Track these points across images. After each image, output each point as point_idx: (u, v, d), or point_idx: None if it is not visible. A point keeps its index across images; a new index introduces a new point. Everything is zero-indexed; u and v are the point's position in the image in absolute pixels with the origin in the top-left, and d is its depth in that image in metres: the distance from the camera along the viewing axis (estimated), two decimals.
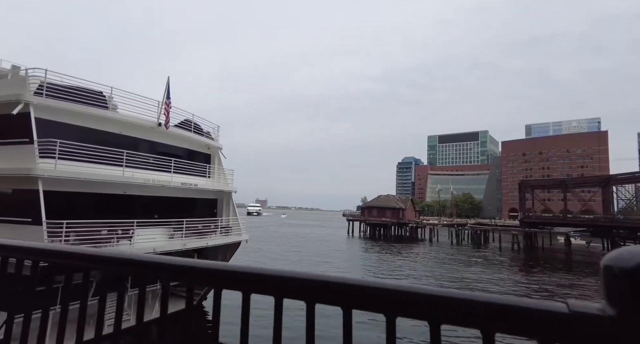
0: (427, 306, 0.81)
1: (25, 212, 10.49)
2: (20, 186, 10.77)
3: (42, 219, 10.16)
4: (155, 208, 15.01)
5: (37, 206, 10.27)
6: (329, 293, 0.89)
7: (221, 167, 18.50)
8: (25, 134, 10.90)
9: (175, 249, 13.43)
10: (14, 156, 10.98)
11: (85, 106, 12.43)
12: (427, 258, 39.15)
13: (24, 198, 10.73)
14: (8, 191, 11.12)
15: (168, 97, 14.69)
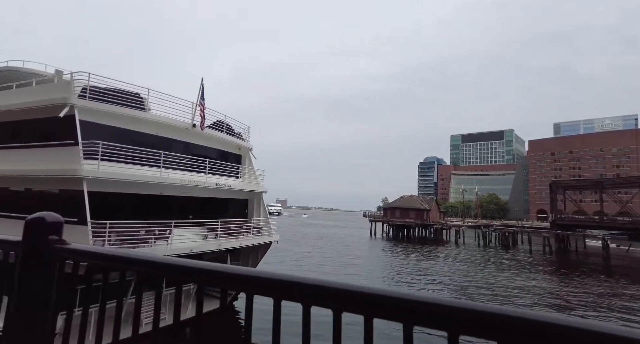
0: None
1: (70, 212, 10.73)
2: (66, 186, 11.04)
3: (87, 219, 10.36)
4: (189, 208, 15.15)
5: (82, 206, 10.48)
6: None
7: (252, 168, 18.52)
8: (70, 136, 11.18)
9: (211, 249, 13.48)
10: (60, 158, 11.28)
11: (124, 108, 12.65)
12: (456, 261, 38.09)
13: (69, 198, 10.99)
14: (55, 191, 11.45)
15: (202, 98, 14.78)
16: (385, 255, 41.43)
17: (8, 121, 12.74)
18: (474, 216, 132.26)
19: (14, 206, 12.11)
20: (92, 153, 11.31)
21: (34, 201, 11.88)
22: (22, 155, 12.21)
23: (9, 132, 12.84)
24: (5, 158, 12.52)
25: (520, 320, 0.71)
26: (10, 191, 12.49)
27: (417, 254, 42.20)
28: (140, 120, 13.34)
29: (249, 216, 18.28)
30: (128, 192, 12.76)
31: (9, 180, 12.30)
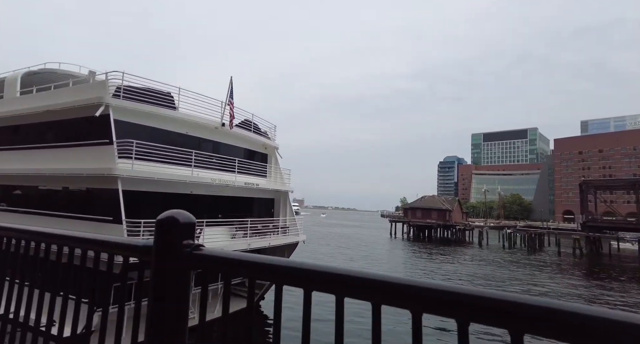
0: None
1: (106, 210, 10.81)
2: (101, 185, 11.14)
3: (122, 218, 10.39)
4: (218, 208, 15.12)
5: (117, 205, 10.53)
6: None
7: (278, 167, 18.37)
8: (105, 135, 11.27)
9: (240, 248, 13.37)
10: (95, 156, 11.39)
11: (156, 107, 12.69)
12: (482, 263, 36.96)
13: (104, 197, 11.08)
14: (90, 190, 11.57)
15: (231, 96, 14.70)
16: (408, 256, 40.67)
17: (46, 121, 13.00)
18: (497, 216, 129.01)
19: (52, 204, 12.33)
20: (126, 152, 11.36)
21: (71, 200, 12.06)
22: (59, 154, 12.43)
23: (47, 132, 13.11)
24: (43, 157, 12.79)
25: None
26: (48, 190, 12.74)
27: (441, 256, 41.26)
28: (171, 119, 13.37)
29: (275, 215, 18.15)
30: (159, 191, 12.78)
31: (47, 179, 12.55)
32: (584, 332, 0.64)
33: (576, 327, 0.65)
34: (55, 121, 12.76)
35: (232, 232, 14.78)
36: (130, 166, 11.10)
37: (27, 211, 12.71)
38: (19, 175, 13.22)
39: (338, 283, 0.93)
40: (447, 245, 57.52)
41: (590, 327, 0.63)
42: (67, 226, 11.41)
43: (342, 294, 0.92)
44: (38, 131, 13.33)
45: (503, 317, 0.73)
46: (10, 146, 14.05)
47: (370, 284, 0.88)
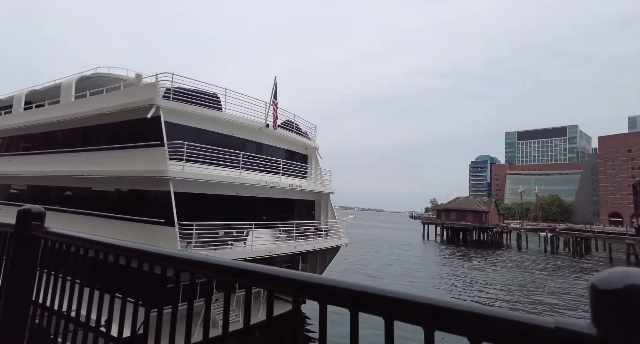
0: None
1: (157, 213, 10.79)
2: (152, 186, 11.15)
3: (175, 220, 10.31)
4: (262, 209, 14.93)
5: (169, 207, 10.48)
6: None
7: (319, 168, 17.98)
8: (156, 137, 11.28)
9: (287, 252, 13.07)
10: (147, 158, 11.43)
11: (204, 108, 12.62)
12: (527, 269, 34.88)
13: (155, 199, 11.08)
14: (142, 192, 11.63)
15: (275, 97, 14.45)
16: (446, 261, 39.19)
17: (99, 124, 13.29)
18: (534, 218, 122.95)
19: (104, 205, 12.55)
20: (176, 153, 11.33)
21: (123, 202, 12.20)
22: (111, 156, 12.64)
23: (100, 134, 13.41)
24: (96, 159, 13.07)
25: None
26: (100, 191, 13.00)
27: (480, 261, 39.48)
28: (217, 120, 13.29)
29: (315, 217, 17.78)
30: (206, 192, 12.71)
31: (99, 180, 12.79)
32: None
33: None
34: (107, 124, 13.01)
35: (277, 235, 14.53)
36: (181, 168, 11.04)
37: (80, 212, 13.01)
38: (72, 176, 13.60)
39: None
40: (483, 248, 55.17)
41: None
42: (119, 228, 11.53)
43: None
44: (92, 134, 13.67)
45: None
46: (66, 149, 14.52)
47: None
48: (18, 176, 16.23)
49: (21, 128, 16.74)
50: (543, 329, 0.68)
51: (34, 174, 15.24)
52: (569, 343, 0.64)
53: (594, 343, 0.63)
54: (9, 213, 15.90)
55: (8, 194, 17.08)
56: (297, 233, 14.81)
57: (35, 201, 15.23)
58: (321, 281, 0.99)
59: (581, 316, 18.24)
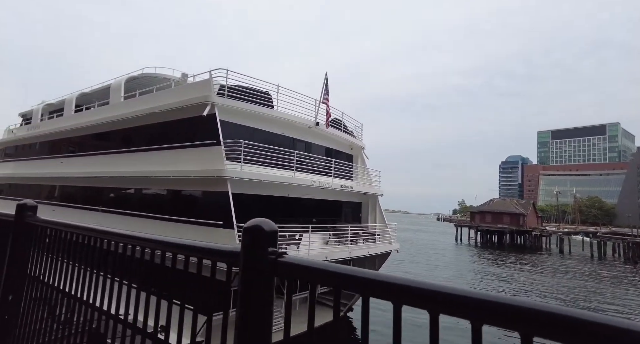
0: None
1: (214, 214, 10.33)
2: (209, 187, 10.72)
3: (234, 222, 9.80)
4: (312, 211, 14.29)
5: (227, 208, 9.98)
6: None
7: (366, 168, 17.14)
8: (212, 136, 10.85)
9: (342, 257, 12.32)
10: (202, 158, 11.03)
11: (258, 106, 12.12)
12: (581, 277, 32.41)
13: (213, 200, 10.64)
14: (198, 193, 11.23)
15: (327, 93, 13.77)
16: (488, 266, 37.27)
17: (151, 124, 13.07)
18: (571, 221, 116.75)
19: (157, 207, 12.26)
20: (233, 153, 10.86)
21: (177, 203, 11.86)
22: (164, 156, 12.35)
23: (152, 134, 13.18)
24: (149, 160, 12.84)
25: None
26: (153, 193, 12.75)
27: (525, 266, 37.33)
28: (269, 119, 12.76)
29: (362, 220, 16.97)
30: (258, 193, 12.18)
31: (152, 181, 12.53)
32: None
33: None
34: (158, 123, 12.75)
35: (326, 238, 13.83)
36: (239, 168, 10.54)
37: (133, 213, 12.81)
38: (124, 177, 13.45)
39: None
40: (522, 253, 52.48)
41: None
42: (174, 229, 11.17)
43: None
44: (143, 134, 13.47)
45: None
46: (117, 149, 14.45)
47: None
48: (70, 178, 16.38)
49: (72, 130, 16.92)
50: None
51: (85, 176, 15.30)
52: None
53: None
54: (63, 215, 16.22)
55: (60, 196, 17.31)
56: (348, 238, 14.05)
57: (87, 202, 15.28)
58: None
59: None
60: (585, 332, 0.67)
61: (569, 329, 0.69)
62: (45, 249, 2.53)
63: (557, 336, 0.70)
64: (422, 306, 0.88)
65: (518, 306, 0.75)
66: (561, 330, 0.70)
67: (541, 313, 0.72)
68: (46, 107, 20.74)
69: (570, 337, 0.69)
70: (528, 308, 0.73)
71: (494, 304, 0.78)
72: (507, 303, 0.77)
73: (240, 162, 10.61)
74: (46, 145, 19.28)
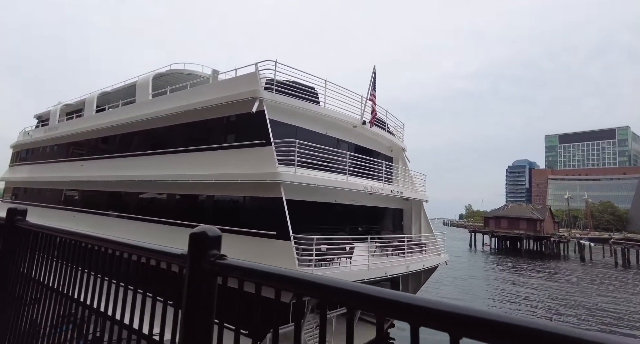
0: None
1: (266, 223, 9.10)
2: (259, 193, 9.50)
3: (290, 233, 8.56)
4: (357, 219, 13.06)
5: (281, 217, 8.76)
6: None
7: (408, 172, 15.85)
8: (260, 135, 9.66)
9: (400, 272, 11.02)
10: (249, 160, 9.83)
11: (307, 103, 10.95)
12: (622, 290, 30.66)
13: (263, 207, 9.41)
14: (244, 199, 10.00)
15: (374, 89, 12.58)
16: (511, 274, 35.72)
17: (184, 123, 11.91)
18: (584, 226, 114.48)
19: (193, 215, 11.03)
20: (282, 154, 9.65)
21: (218, 210, 10.63)
22: (203, 158, 11.15)
23: (187, 134, 12.01)
24: (182, 162, 11.65)
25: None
26: (188, 198, 11.52)
27: (547, 274, 35.77)
28: (314, 117, 11.57)
29: (404, 228, 15.66)
30: (304, 199, 10.92)
31: (189, 186, 11.30)
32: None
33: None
34: (195, 122, 11.57)
35: (372, 250, 12.50)
36: (294, 171, 9.33)
37: (165, 221, 11.59)
38: (154, 182, 12.26)
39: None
40: (541, 260, 50.82)
41: None
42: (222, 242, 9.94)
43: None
44: (176, 134, 12.29)
45: None
46: (146, 151, 13.26)
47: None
48: (92, 182, 15.21)
49: (94, 131, 15.78)
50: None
51: (110, 180, 14.12)
52: None
53: None
54: (86, 222, 15.02)
55: (82, 201, 16.12)
56: (394, 248, 12.75)
57: (111, 208, 14.11)
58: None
59: None
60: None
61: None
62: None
63: None
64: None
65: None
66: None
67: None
68: (64, 108, 19.68)
69: None
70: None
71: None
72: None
73: (294, 165, 9.39)
74: (65, 147, 18.17)
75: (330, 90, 11.59)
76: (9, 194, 21.87)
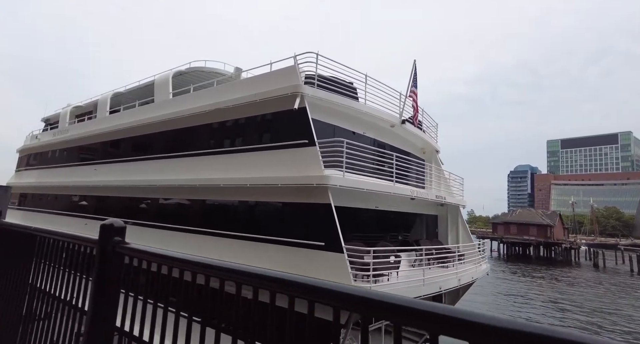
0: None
1: (311, 233, 8.09)
2: (301, 198, 8.49)
3: (342, 244, 7.53)
4: (395, 227, 12.06)
5: (330, 225, 7.75)
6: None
7: (443, 175, 14.82)
8: (301, 134, 8.69)
9: (451, 287, 9.96)
10: (288, 162, 8.84)
11: (348, 99, 9.99)
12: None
13: (307, 215, 8.39)
14: (283, 206, 8.97)
15: (415, 85, 11.64)
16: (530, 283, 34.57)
17: (214, 122, 10.93)
18: (589, 232, 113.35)
19: (224, 222, 9.98)
20: (327, 155, 8.66)
21: (252, 217, 9.57)
22: (234, 160, 10.14)
23: (216, 135, 11.01)
24: (213, 165, 10.64)
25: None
26: (218, 205, 10.47)
27: (566, 282, 34.60)
28: (352, 116, 10.61)
29: (440, 236, 14.60)
30: (346, 205, 9.87)
31: (219, 191, 10.25)
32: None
33: None
34: (227, 121, 10.59)
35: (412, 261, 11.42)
36: (342, 174, 8.33)
37: (193, 230, 10.55)
38: (179, 186, 11.25)
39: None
40: (554, 266, 49.85)
41: None
42: (253, 252, 8.91)
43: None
44: (203, 135, 11.29)
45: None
46: (170, 153, 12.22)
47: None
48: (107, 187, 14.17)
49: (109, 133, 14.78)
50: None
51: (126, 185, 13.08)
52: None
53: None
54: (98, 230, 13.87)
55: (95, 208, 15.05)
56: (433, 258, 11.68)
57: (130, 216, 13.07)
58: None
59: None
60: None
61: None
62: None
63: None
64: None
65: None
66: None
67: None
68: (74, 110, 18.72)
69: None
70: None
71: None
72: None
73: (343, 168, 8.39)
74: (77, 151, 17.15)
75: (370, 85, 10.63)
76: (14, 200, 20.81)
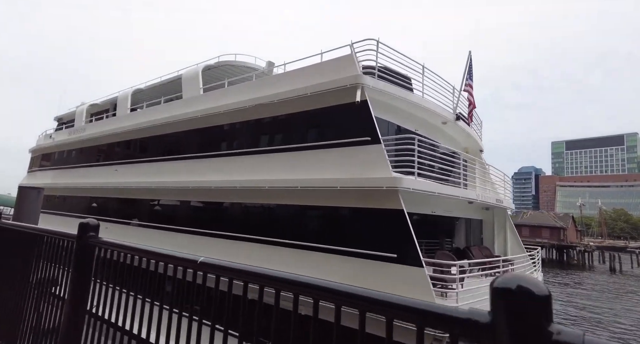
0: None
1: (380, 242, 7.09)
2: (363, 203, 7.50)
3: (420, 257, 6.54)
4: (450, 233, 11.10)
5: (405, 234, 6.75)
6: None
7: (488, 175, 13.78)
8: (363, 131, 7.71)
9: None
10: (346, 162, 7.85)
11: (408, 93, 9.02)
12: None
13: (374, 222, 7.39)
14: (345, 211, 7.97)
15: (470, 78, 10.65)
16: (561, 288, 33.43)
17: (257, 119, 9.92)
18: (597, 234, 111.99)
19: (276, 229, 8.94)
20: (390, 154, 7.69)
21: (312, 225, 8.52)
22: (282, 160, 9.14)
23: (259, 132, 9.99)
24: (256, 165, 9.64)
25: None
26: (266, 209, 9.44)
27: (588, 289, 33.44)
28: (405, 112, 9.64)
29: (485, 242, 13.58)
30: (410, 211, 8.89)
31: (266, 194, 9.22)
32: None
33: None
34: (272, 117, 9.57)
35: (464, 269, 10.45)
36: (414, 176, 7.34)
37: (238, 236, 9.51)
38: (216, 189, 10.24)
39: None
40: (568, 270, 48.64)
41: None
42: (313, 263, 7.91)
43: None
44: (244, 133, 10.27)
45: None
46: (202, 153, 11.20)
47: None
48: (130, 189, 13.17)
49: (132, 132, 13.79)
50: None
51: (154, 186, 12.09)
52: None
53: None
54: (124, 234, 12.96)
55: (116, 210, 14.06)
56: (481, 268, 10.69)
57: (155, 219, 12.08)
58: None
59: None
60: None
61: None
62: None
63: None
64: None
65: None
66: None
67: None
68: (90, 109, 17.75)
69: None
70: None
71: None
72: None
73: (415, 169, 7.39)
74: (95, 150, 16.19)
75: (428, 78, 9.65)
76: None
